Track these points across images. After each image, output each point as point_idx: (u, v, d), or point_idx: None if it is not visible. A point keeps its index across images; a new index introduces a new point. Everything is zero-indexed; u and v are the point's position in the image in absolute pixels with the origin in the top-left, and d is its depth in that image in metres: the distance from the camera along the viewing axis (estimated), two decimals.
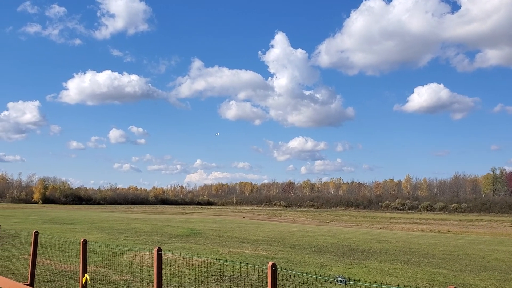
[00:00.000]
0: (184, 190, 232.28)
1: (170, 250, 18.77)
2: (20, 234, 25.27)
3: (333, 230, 37.43)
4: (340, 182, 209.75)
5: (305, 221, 59.31)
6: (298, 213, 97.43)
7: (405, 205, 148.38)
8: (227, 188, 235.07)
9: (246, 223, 45.82)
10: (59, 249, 18.55)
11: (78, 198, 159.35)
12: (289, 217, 70.26)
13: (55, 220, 41.87)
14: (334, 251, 20.39)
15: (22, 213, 56.44)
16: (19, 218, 44.10)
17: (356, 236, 30.34)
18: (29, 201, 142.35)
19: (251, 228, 35.69)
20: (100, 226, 34.41)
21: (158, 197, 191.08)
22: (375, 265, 16.36)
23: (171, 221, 43.73)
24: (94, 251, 17.50)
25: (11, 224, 33.31)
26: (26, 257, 16.33)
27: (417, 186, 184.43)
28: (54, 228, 30.78)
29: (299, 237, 27.65)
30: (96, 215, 55.33)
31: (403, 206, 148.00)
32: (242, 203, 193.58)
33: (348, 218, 71.88)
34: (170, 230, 31.07)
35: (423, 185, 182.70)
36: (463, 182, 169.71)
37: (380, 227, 47.06)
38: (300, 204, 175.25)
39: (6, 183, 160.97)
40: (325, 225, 49.48)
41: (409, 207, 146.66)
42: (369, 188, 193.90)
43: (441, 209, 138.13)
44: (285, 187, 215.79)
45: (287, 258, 17.46)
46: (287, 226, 41.41)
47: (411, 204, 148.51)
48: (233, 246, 21.69)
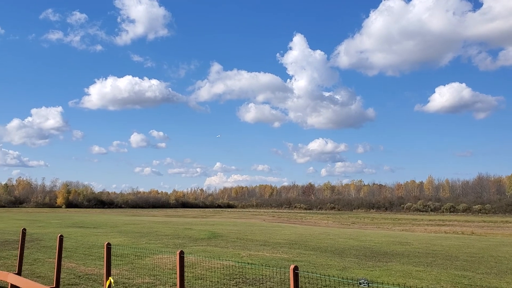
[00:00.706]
0: (204, 193, 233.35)
1: (192, 253, 18.88)
2: (45, 238, 25.74)
3: (354, 232, 37.14)
4: (361, 184, 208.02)
5: (326, 223, 59.00)
6: (319, 215, 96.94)
7: (427, 207, 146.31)
8: (247, 191, 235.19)
9: (266, 226, 45.79)
10: (82, 253, 18.83)
11: (100, 202, 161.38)
12: (309, 220, 69.97)
13: (78, 224, 42.50)
14: (356, 254, 20.23)
15: (46, 217, 57.42)
16: (43, 222, 44.88)
17: (378, 238, 30.05)
18: (53, 205, 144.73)
19: (271, 231, 35.65)
20: (123, 229, 34.79)
21: (178, 200, 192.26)
22: (398, 267, 16.19)
23: (192, 224, 43.96)
24: (117, 254, 17.71)
25: (35, 228, 33.94)
26: (51, 260, 16.62)
27: (439, 187, 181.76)
28: (77, 232, 31.25)
29: (320, 240, 27.51)
30: (118, 219, 55.96)
31: (425, 208, 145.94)
32: (262, 206, 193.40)
33: (369, 220, 71.23)
34: (191, 233, 31.24)
35: (445, 186, 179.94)
36: (487, 183, 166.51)
37: (402, 229, 46.51)
38: (320, 206, 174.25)
39: (30, 188, 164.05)
40: (347, 227, 49.13)
41: (432, 208, 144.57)
42: (390, 190, 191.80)
43: (464, 210, 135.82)
44: (305, 190, 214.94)
45: (309, 261, 17.39)
46: (308, 229, 41.25)
47: (433, 205, 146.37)
48: (254, 249, 21.70)
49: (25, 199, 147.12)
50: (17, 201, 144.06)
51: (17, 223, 42.31)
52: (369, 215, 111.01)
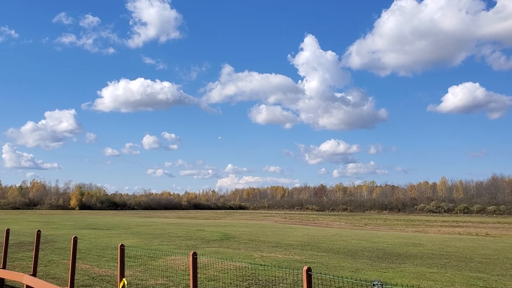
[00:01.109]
0: (216, 195, 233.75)
1: (204, 254, 18.93)
2: (59, 240, 25.98)
3: (367, 234, 36.94)
4: (373, 185, 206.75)
5: (338, 225, 58.77)
6: (331, 217, 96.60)
7: (441, 208, 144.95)
8: (259, 193, 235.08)
9: (278, 227, 45.74)
10: (96, 254, 18.97)
11: (113, 204, 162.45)
12: (322, 221, 69.76)
13: (91, 225, 42.83)
14: (369, 255, 20.12)
15: (60, 219, 57.96)
16: (57, 224, 45.31)
17: (391, 239, 29.85)
18: (67, 207, 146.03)
19: (283, 233, 35.60)
20: (135, 231, 34.99)
21: (190, 201, 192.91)
22: (411, 269, 16.07)
23: (204, 226, 44.08)
24: (130, 255, 17.83)
25: (50, 230, 34.28)
26: (65, 262, 16.78)
27: (452, 188, 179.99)
28: (91, 234, 31.50)
29: (332, 241, 27.41)
30: (131, 220, 56.30)
31: (439, 209, 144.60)
32: (273, 207, 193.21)
33: (382, 222, 70.80)
34: (203, 235, 31.32)
35: (459, 187, 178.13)
36: (501, 184, 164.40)
37: (415, 231, 46.15)
38: (333, 208, 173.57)
39: (44, 190, 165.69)
40: (359, 229, 48.89)
41: (445, 209, 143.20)
42: (403, 191, 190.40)
43: (478, 211, 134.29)
44: (317, 191, 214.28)
45: (321, 263, 17.34)
46: (320, 230, 41.12)
47: (446, 206, 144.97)
48: (266, 250, 21.69)
49: (39, 201, 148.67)
50: (31, 203, 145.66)
51: (31, 225, 42.77)
52: (381, 216, 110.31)
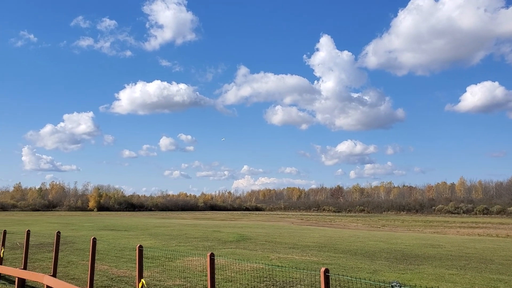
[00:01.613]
0: (232, 196, 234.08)
1: (221, 255, 18.99)
2: (78, 241, 26.31)
3: (384, 235, 36.64)
4: (391, 186, 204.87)
5: (355, 226, 58.39)
6: (348, 218, 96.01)
7: (459, 209, 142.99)
8: (275, 194, 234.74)
9: (295, 228, 45.64)
10: (114, 255, 19.16)
11: (131, 205, 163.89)
12: (338, 223, 69.39)
13: (110, 227, 43.28)
14: (387, 257, 19.97)
15: (79, 221, 58.69)
16: (76, 225, 45.89)
17: (409, 241, 29.57)
18: (85, 208, 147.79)
19: (300, 234, 35.52)
20: (153, 232, 35.25)
21: (207, 203, 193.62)
22: (430, 270, 15.90)
23: (221, 227, 44.20)
24: (148, 256, 17.97)
25: (69, 231, 34.74)
26: (84, 262, 16.99)
27: (471, 189, 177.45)
28: (109, 235, 31.83)
29: (350, 243, 27.26)
30: (149, 222, 56.73)
31: (457, 210, 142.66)
32: (290, 208, 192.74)
33: (400, 223, 70.12)
34: (220, 236, 31.41)
35: (478, 188, 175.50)
36: None
37: (434, 232, 45.61)
38: (349, 209, 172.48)
39: (63, 192, 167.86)
40: (376, 230, 48.51)
41: (464, 210, 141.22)
42: (421, 192, 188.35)
43: (498, 212, 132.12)
44: (333, 192, 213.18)
45: (339, 264, 17.26)
46: (337, 232, 40.92)
47: (465, 207, 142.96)
48: (283, 251, 21.67)
49: (58, 203, 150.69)
50: (50, 204, 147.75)
51: (51, 226, 43.40)
52: (399, 217, 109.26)
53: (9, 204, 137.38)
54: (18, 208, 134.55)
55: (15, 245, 23.10)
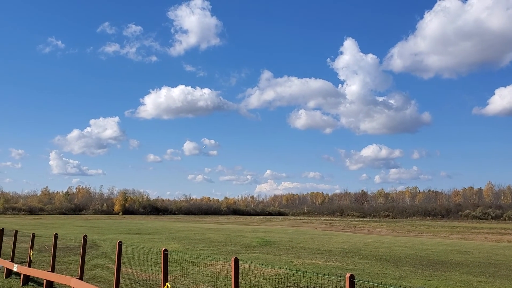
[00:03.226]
0: (255, 201, 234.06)
1: (245, 260, 18.99)
2: (104, 244, 26.69)
3: (410, 240, 36.09)
4: (416, 191, 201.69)
5: (380, 231, 57.68)
6: (373, 223, 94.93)
7: (487, 214, 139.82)
8: (298, 199, 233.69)
9: (318, 234, 45.35)
10: (139, 259, 19.37)
11: (155, 209, 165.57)
12: (363, 228, 68.66)
13: (135, 230, 43.78)
14: (412, 263, 19.66)
15: (105, 224, 59.54)
16: (102, 229, 46.56)
17: (435, 246, 29.05)
18: (111, 212, 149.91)
19: (324, 239, 35.28)
20: (177, 236, 35.51)
21: (230, 207, 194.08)
22: (457, 277, 15.58)
23: (244, 231, 44.22)
24: (172, 260, 18.10)
25: (95, 235, 35.27)
26: (110, 266, 17.21)
27: (500, 194, 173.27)
28: (134, 238, 32.21)
29: (374, 248, 26.94)
30: (173, 225, 57.17)
31: (485, 215, 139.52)
32: (313, 213, 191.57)
33: (425, 228, 68.96)
34: (243, 240, 31.43)
35: (507, 193, 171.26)
36: None
37: (461, 238, 44.70)
38: (374, 214, 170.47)
39: (89, 196, 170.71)
40: (402, 235, 47.81)
41: (492, 216, 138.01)
42: (447, 197, 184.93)
43: None
44: (358, 197, 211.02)
45: (363, 270, 17.07)
46: (361, 237, 40.49)
47: (494, 213, 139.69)
48: (306, 257, 21.56)
49: (84, 207, 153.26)
50: (77, 208, 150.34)
51: (77, 229, 44.14)
52: (425, 222, 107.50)
53: (36, 207, 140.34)
54: (45, 212, 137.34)
55: (43, 248, 23.58)
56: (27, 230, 37.83)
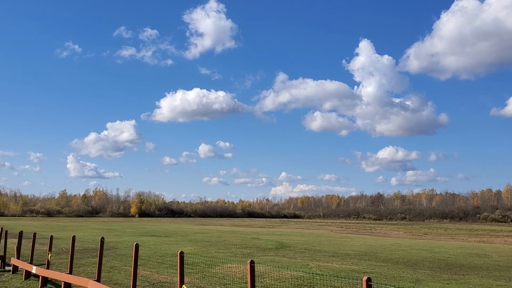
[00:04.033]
0: (270, 203, 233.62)
1: (260, 263, 18.97)
2: (120, 246, 26.91)
3: (427, 243, 35.70)
4: (433, 193, 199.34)
5: (396, 234, 57.14)
6: (389, 226, 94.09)
7: (507, 217, 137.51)
8: (313, 201, 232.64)
9: (334, 236, 45.12)
10: (156, 261, 19.48)
11: (171, 211, 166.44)
12: (379, 231, 68.10)
13: (151, 232, 44.04)
14: (430, 266, 19.44)
15: (121, 227, 60.02)
16: (118, 231, 46.94)
17: (453, 249, 28.69)
18: (127, 214, 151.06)
19: (340, 242, 35.08)
20: (192, 238, 35.64)
21: (245, 210, 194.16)
22: (476, 281, 15.36)
23: (259, 234, 44.20)
24: (188, 263, 18.15)
25: (112, 237, 35.56)
26: (127, 268, 17.34)
27: None
28: (150, 241, 32.40)
29: (391, 251, 26.70)
30: (188, 228, 57.39)
31: (504, 218, 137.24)
32: (329, 216, 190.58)
33: (443, 231, 68.13)
34: (259, 243, 31.41)
35: None
36: None
37: (479, 240, 44.06)
38: (390, 217, 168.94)
39: (106, 198, 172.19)
40: (419, 238, 47.30)
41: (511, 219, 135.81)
42: (464, 199, 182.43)
43: None
44: (374, 200, 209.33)
45: (380, 273, 16.93)
46: (378, 240, 40.17)
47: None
48: (322, 260, 21.45)
49: (101, 209, 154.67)
50: (94, 210, 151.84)
51: (94, 232, 44.57)
52: (442, 225, 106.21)
53: (54, 210, 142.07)
54: (63, 214, 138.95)
55: (61, 250, 23.86)
56: (45, 232, 38.33)
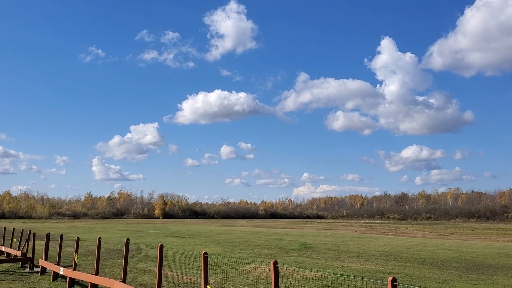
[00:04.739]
0: (292, 204, 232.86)
1: (284, 263, 18.94)
2: (145, 248, 27.20)
3: (453, 243, 35.10)
4: (459, 192, 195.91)
5: (422, 234, 56.32)
6: (414, 226, 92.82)
7: None
8: (336, 201, 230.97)
9: (358, 237, 44.73)
10: (180, 262, 19.62)
11: (194, 213, 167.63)
12: (404, 231, 67.23)
13: (175, 234, 44.41)
14: (457, 266, 19.10)
15: (145, 228, 60.68)
16: (143, 232, 47.46)
17: (481, 249, 28.13)
18: (151, 216, 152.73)
19: (364, 242, 34.77)
20: (216, 239, 35.79)
21: (267, 210, 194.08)
22: (505, 281, 15.03)
23: (282, 235, 44.12)
24: (212, 263, 18.25)
25: (136, 238, 35.98)
26: (152, 269, 17.52)
27: None
28: (174, 242, 32.66)
29: (416, 251, 26.34)
30: (212, 229, 57.68)
31: None
32: (352, 216, 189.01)
33: (469, 231, 66.87)
34: (282, 244, 31.35)
35: None
36: None
37: (508, 240, 43.08)
38: (415, 216, 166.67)
39: (131, 200, 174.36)
40: (444, 238, 46.54)
41: None
42: (491, 198, 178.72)
43: None
44: (398, 199, 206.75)
45: (405, 273, 16.72)
46: (402, 240, 39.68)
47: None
48: (346, 260, 21.30)
49: (126, 211, 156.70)
50: (118, 212, 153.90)
51: (119, 233, 45.16)
52: (468, 225, 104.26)
53: (80, 212, 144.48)
54: (88, 216, 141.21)
55: (87, 251, 24.25)
56: (71, 234, 39.02)
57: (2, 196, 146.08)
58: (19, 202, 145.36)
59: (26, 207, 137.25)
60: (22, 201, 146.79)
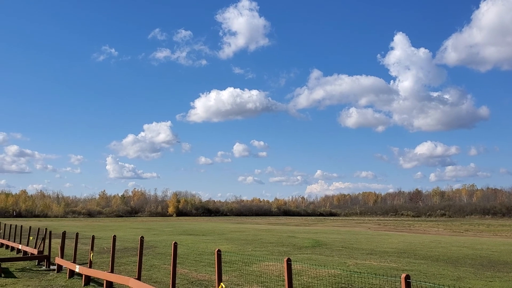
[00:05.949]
0: (306, 201, 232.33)
1: (297, 261, 18.95)
2: (159, 245, 27.41)
3: (468, 240, 34.78)
4: (474, 189, 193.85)
5: (436, 231, 55.89)
6: (428, 223, 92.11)
7: None
8: (350, 199, 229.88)
9: (372, 234, 44.55)
10: (194, 259, 19.75)
11: (207, 211, 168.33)
12: (418, 228, 66.77)
13: (188, 231, 44.66)
14: (472, 263, 18.95)
15: (159, 226, 61.09)
16: (157, 230, 47.80)
17: (496, 246, 27.85)
18: (165, 214, 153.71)
19: (378, 240, 34.62)
20: (229, 237, 35.92)
21: (280, 208, 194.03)
22: None
23: (295, 232, 44.12)
24: (226, 261, 18.34)
25: (150, 236, 36.26)
26: (166, 266, 17.66)
27: None
28: (188, 239, 32.86)
29: (431, 248, 26.16)
30: (225, 226, 57.87)
31: None
32: (366, 213, 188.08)
33: (485, 228, 66.17)
34: (295, 241, 31.36)
35: None
36: None
37: None
38: (429, 213, 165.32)
39: (145, 198, 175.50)
40: (459, 235, 46.14)
41: None
42: (507, 194, 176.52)
43: None
44: (412, 196, 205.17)
45: (419, 270, 16.64)
46: (417, 237, 39.43)
47: None
48: (360, 257, 21.24)
49: (140, 209, 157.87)
50: (133, 210, 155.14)
51: (134, 231, 45.55)
52: (483, 221, 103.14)
53: (95, 210, 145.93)
54: (103, 215, 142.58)
55: (102, 249, 24.51)
56: (86, 232, 39.45)
57: (18, 195, 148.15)
58: (35, 201, 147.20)
59: (41, 206, 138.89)
60: (38, 200, 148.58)
